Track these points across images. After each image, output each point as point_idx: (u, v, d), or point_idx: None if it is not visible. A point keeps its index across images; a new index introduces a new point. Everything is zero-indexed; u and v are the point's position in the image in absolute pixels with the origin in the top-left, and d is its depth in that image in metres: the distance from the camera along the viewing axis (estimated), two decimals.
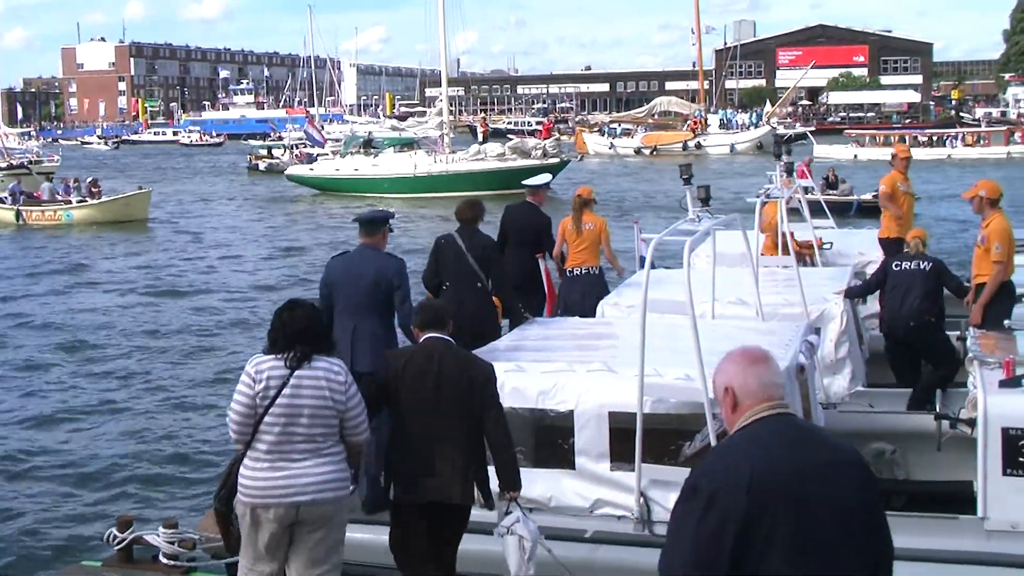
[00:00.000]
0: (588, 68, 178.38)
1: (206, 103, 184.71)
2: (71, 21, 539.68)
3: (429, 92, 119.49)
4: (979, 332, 8.50)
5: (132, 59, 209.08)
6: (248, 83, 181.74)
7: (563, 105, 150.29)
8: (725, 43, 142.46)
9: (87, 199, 42.06)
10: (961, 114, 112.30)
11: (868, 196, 36.12)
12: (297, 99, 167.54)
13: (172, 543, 7.60)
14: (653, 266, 7.23)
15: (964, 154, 63.95)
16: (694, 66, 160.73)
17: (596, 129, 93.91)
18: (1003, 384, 6.73)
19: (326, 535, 6.14)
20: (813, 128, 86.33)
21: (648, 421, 6.71)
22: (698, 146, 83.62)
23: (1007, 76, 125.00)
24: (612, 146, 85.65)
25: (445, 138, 52.34)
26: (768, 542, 3.71)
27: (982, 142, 67.98)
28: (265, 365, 6.08)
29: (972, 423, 6.83)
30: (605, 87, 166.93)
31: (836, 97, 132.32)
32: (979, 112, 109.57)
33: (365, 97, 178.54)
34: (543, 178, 12.82)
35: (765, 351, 4.14)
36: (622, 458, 6.89)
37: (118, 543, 7.65)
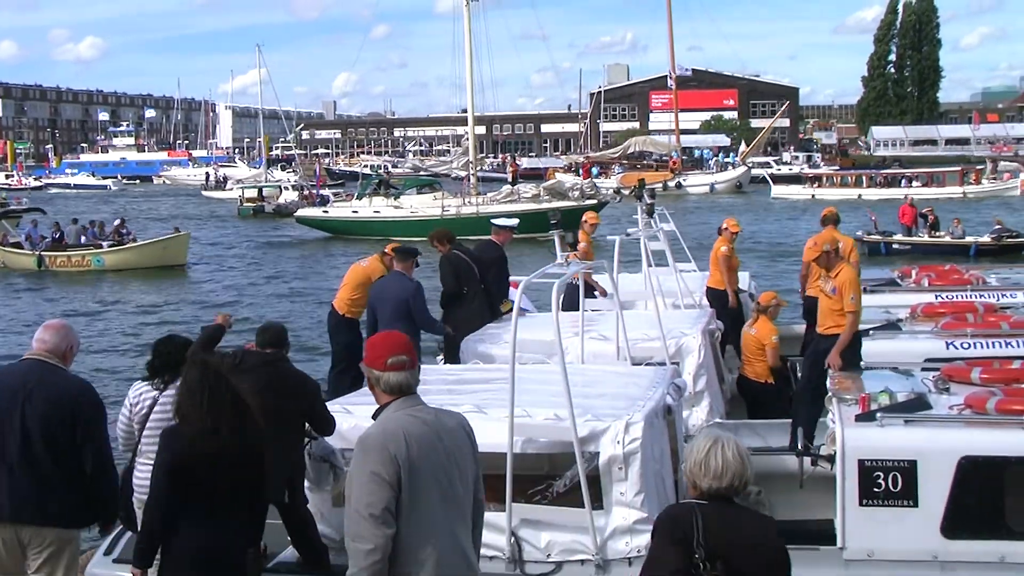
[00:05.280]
0: (464, 111, 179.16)
1: (83, 145, 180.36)
2: None
3: (305, 135, 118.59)
4: (837, 373, 8.81)
5: (0, 100, 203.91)
6: (129, 125, 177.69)
7: (440, 148, 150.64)
8: (601, 86, 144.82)
9: (115, 243, 38.60)
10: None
11: (986, 238, 35.71)
12: (179, 141, 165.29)
13: None
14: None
15: (920, 194, 64.51)
16: (570, 108, 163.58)
17: (571, 170, 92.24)
18: (859, 418, 6.96)
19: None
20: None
21: (518, 461, 6.78)
22: (678, 186, 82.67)
23: (811, 122, 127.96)
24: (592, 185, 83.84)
25: (472, 178, 50.81)
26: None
27: (937, 182, 68.93)
28: (139, 390, 7.56)
29: (832, 459, 7.03)
30: (481, 129, 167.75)
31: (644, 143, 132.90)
32: (786, 156, 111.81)
33: (249, 139, 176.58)
34: (508, 221, 13.74)
35: (61, 322, 7.13)
36: (493, 498, 6.92)
37: None
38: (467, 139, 54.64)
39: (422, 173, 54.69)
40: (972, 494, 6.52)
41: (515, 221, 13.87)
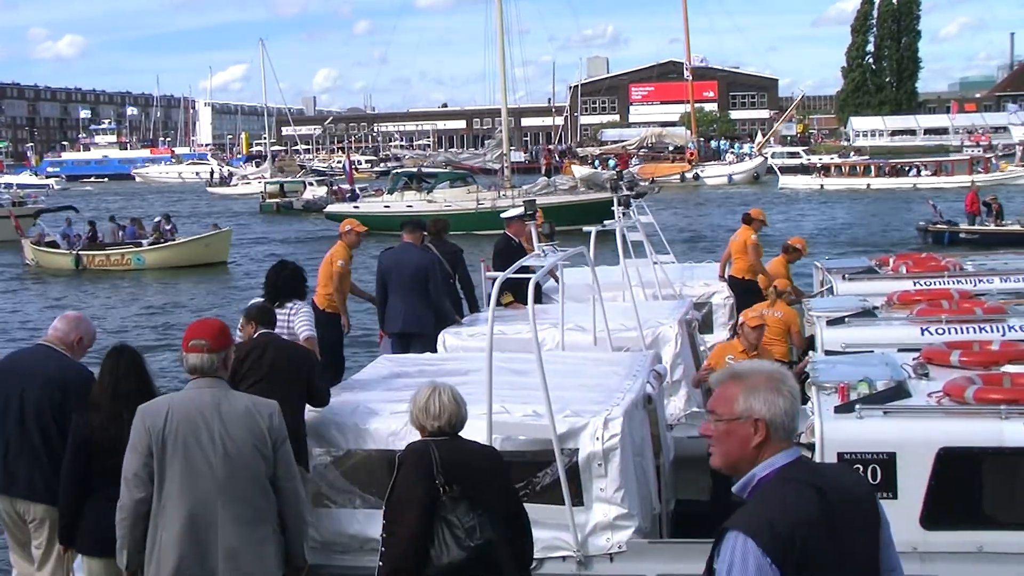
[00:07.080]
0: (445, 105, 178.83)
1: (65, 143, 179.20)
2: None
3: (285, 131, 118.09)
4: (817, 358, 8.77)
5: None
6: (111, 123, 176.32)
7: (420, 143, 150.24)
8: (580, 79, 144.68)
9: (156, 241, 37.81)
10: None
11: None
12: (161, 138, 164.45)
13: None
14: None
15: (929, 183, 63.46)
16: (549, 102, 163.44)
17: (588, 162, 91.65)
18: (838, 409, 6.91)
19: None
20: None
21: None
22: (696, 177, 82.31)
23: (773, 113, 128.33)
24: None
25: (505, 171, 50.38)
26: None
27: (945, 171, 67.80)
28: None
29: (812, 448, 7.00)
30: (462, 124, 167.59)
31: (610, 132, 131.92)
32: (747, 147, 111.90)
33: (231, 136, 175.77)
34: (515, 211, 13.46)
35: (77, 314, 7.45)
36: None
37: None
38: (499, 131, 54.19)
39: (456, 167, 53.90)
40: (951, 485, 6.50)
41: (520, 210, 13.64)
